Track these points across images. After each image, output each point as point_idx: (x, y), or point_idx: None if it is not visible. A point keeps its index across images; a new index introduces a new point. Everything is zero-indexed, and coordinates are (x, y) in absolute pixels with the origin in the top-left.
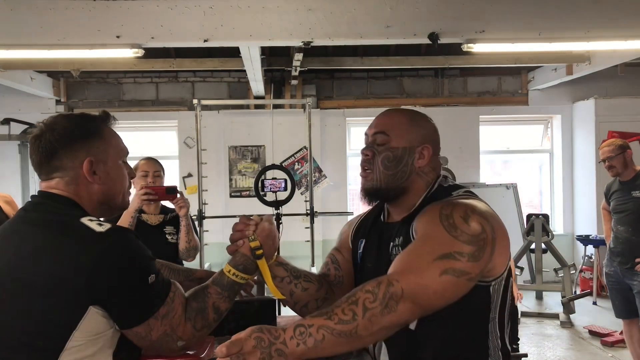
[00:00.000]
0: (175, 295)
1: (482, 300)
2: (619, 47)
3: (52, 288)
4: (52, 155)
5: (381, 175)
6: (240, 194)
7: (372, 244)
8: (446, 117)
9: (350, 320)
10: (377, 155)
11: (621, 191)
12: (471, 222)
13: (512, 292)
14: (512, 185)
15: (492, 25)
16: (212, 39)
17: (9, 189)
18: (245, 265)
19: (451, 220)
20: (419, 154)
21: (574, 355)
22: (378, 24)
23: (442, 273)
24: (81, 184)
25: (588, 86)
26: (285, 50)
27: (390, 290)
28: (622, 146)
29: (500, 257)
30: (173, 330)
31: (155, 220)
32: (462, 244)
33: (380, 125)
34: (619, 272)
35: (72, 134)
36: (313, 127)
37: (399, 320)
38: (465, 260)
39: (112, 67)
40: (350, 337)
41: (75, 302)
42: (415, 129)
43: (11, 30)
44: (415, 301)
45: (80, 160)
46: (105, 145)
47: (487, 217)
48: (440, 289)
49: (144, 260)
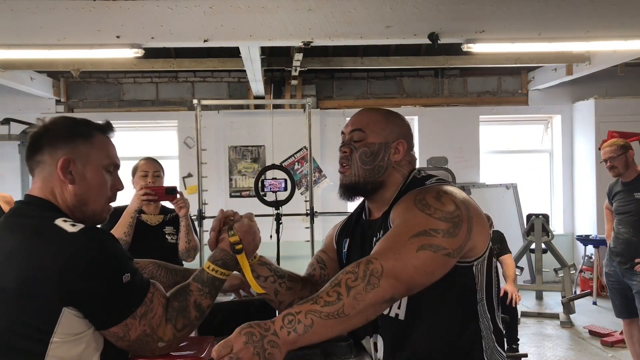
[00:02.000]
0: (154, 296)
1: (467, 280)
2: (619, 47)
3: (24, 291)
4: (37, 150)
5: (359, 170)
6: (240, 194)
7: (356, 242)
8: (446, 117)
9: (336, 300)
10: (354, 151)
11: (624, 192)
12: (444, 200)
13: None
14: (512, 185)
15: (492, 25)
16: (212, 39)
17: (9, 189)
18: (224, 260)
19: (424, 202)
20: (394, 149)
21: (574, 355)
22: (378, 24)
23: (419, 249)
24: (55, 183)
25: (588, 86)
26: (285, 50)
27: (369, 268)
28: (624, 146)
29: (479, 236)
30: (153, 331)
31: (155, 220)
32: (436, 220)
33: (356, 123)
34: (618, 271)
35: (59, 132)
36: (313, 127)
37: (384, 295)
38: (441, 236)
39: (112, 67)
40: (339, 318)
41: (49, 304)
42: (391, 125)
43: (11, 30)
44: (397, 277)
45: (58, 157)
46: (90, 149)
47: (458, 197)
48: (420, 264)
49: (117, 259)
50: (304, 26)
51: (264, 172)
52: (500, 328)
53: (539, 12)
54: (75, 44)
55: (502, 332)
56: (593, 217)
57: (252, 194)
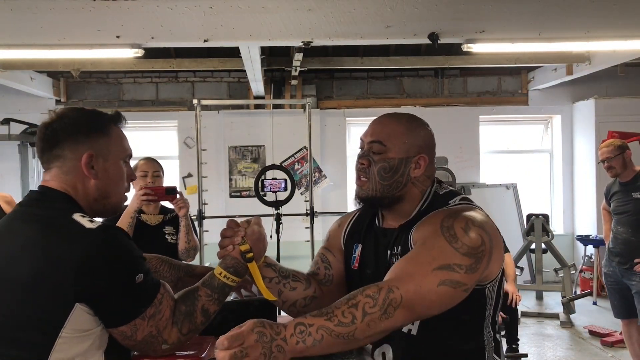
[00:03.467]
0: (163, 297)
1: (479, 302)
2: (619, 47)
3: (38, 283)
4: (55, 144)
5: (377, 185)
6: (240, 194)
7: (369, 250)
8: (446, 117)
9: (349, 323)
10: (373, 164)
11: (621, 192)
12: (471, 233)
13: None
14: (512, 185)
15: (492, 25)
16: (212, 39)
17: (9, 189)
18: (235, 268)
19: (452, 232)
20: (415, 164)
21: (574, 355)
22: (378, 24)
23: (440, 283)
24: (78, 177)
25: (588, 86)
26: (285, 50)
27: (390, 297)
28: (621, 147)
29: (496, 262)
30: (159, 333)
31: (154, 220)
32: (461, 256)
33: (376, 134)
34: (617, 272)
35: (78, 126)
36: (313, 127)
37: (394, 325)
38: (463, 272)
39: (112, 67)
40: (348, 339)
41: (62, 298)
42: (412, 138)
43: (11, 30)
44: (412, 309)
45: (80, 152)
46: (109, 143)
47: (486, 228)
48: (437, 299)
49: (133, 259)
50: (304, 26)
51: (264, 172)
52: (498, 338)
53: (539, 12)
54: (75, 44)
55: (499, 341)
56: (593, 217)
57: (252, 194)
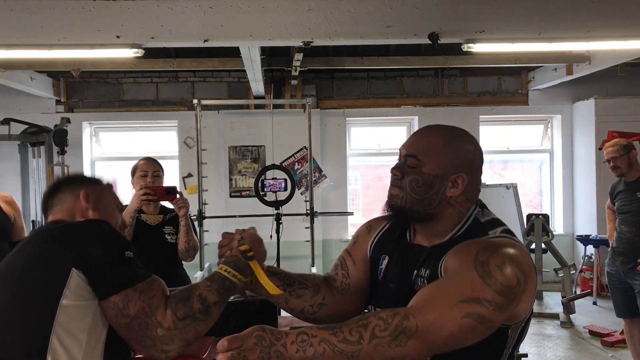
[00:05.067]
0: (154, 281)
1: (499, 341)
2: (619, 47)
3: (38, 256)
4: (56, 191)
5: (408, 197)
6: (240, 194)
7: (396, 264)
8: (446, 117)
9: (356, 342)
10: (406, 176)
11: (626, 192)
12: (507, 272)
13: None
14: (512, 185)
15: (492, 25)
16: (212, 39)
17: (9, 189)
18: (236, 263)
19: (486, 268)
20: (452, 183)
21: (574, 355)
22: (378, 24)
23: (464, 316)
24: (77, 210)
25: (588, 86)
26: (285, 50)
27: (404, 324)
28: (626, 146)
29: (526, 303)
30: (152, 311)
31: (154, 220)
32: (493, 292)
33: (413, 147)
34: (621, 271)
35: (74, 179)
36: (313, 127)
37: (404, 356)
38: (492, 309)
39: (112, 67)
40: (351, 358)
41: (60, 262)
42: (451, 155)
43: (11, 30)
44: (428, 340)
45: (78, 192)
46: (101, 192)
47: (524, 268)
48: (457, 331)
49: (123, 239)
50: (304, 26)
51: (264, 172)
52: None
53: (539, 12)
54: (75, 44)
55: None
56: (593, 217)
57: (252, 194)
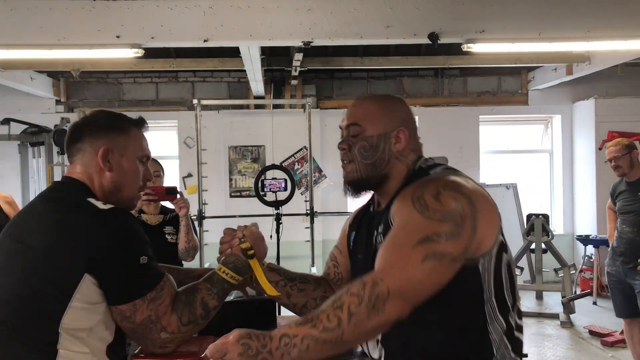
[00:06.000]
0: (165, 285)
1: (473, 281)
2: (619, 47)
3: (52, 251)
4: (77, 139)
5: (360, 165)
6: (240, 194)
7: (362, 235)
8: (446, 117)
9: (336, 327)
10: (353, 147)
11: (628, 192)
12: (443, 198)
13: (512, 269)
14: (512, 185)
15: (492, 25)
16: (212, 39)
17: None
18: (235, 264)
19: (422, 202)
20: (395, 139)
21: (574, 355)
22: (378, 24)
23: (423, 260)
24: (95, 169)
25: (588, 86)
26: (285, 50)
27: (375, 291)
28: (628, 146)
29: (487, 229)
30: (158, 318)
31: (154, 220)
32: (437, 223)
33: (352, 117)
34: (621, 271)
35: (99, 124)
36: (313, 127)
37: (387, 320)
38: (445, 240)
39: (112, 67)
40: (336, 344)
41: (73, 265)
42: (388, 114)
43: (11, 30)
44: (403, 297)
45: (98, 146)
46: (127, 141)
47: (462, 191)
48: (425, 277)
49: (139, 241)
50: (304, 26)
51: (264, 172)
52: (517, 335)
53: (539, 12)
54: (75, 44)
55: (519, 339)
56: (593, 217)
57: (252, 194)
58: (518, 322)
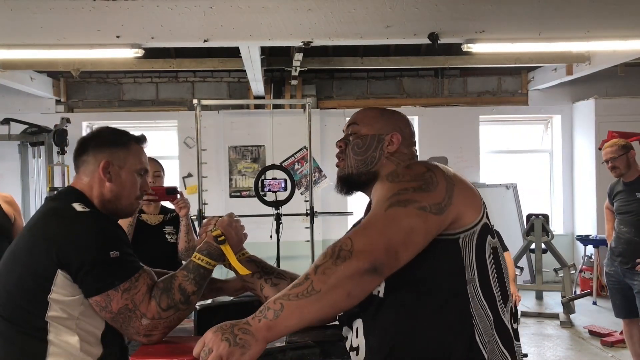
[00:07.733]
0: (140, 276)
1: (452, 255)
2: (619, 47)
3: (31, 250)
4: (83, 152)
5: (352, 161)
6: (240, 194)
7: None
8: (446, 117)
9: (303, 281)
10: (349, 145)
11: (625, 192)
12: (414, 166)
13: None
14: (512, 185)
15: (492, 25)
16: (212, 39)
17: (9, 189)
18: (208, 250)
19: (394, 174)
20: (388, 142)
21: (574, 355)
22: (378, 24)
23: (388, 207)
24: (95, 180)
25: (588, 86)
26: (285, 50)
27: (338, 244)
28: (625, 146)
29: (466, 206)
30: (135, 306)
31: (155, 220)
32: (404, 182)
33: (352, 119)
34: (619, 271)
35: (103, 139)
36: (313, 127)
37: (359, 265)
38: (411, 192)
39: (112, 67)
40: (310, 296)
41: (47, 263)
42: (385, 119)
43: (11, 30)
44: (371, 242)
45: (100, 159)
46: (127, 155)
47: (439, 168)
48: (388, 223)
49: (110, 238)
50: (304, 26)
51: (264, 172)
52: (508, 326)
53: (539, 12)
54: (75, 44)
55: (509, 331)
56: (593, 217)
57: (252, 194)
58: (513, 326)
